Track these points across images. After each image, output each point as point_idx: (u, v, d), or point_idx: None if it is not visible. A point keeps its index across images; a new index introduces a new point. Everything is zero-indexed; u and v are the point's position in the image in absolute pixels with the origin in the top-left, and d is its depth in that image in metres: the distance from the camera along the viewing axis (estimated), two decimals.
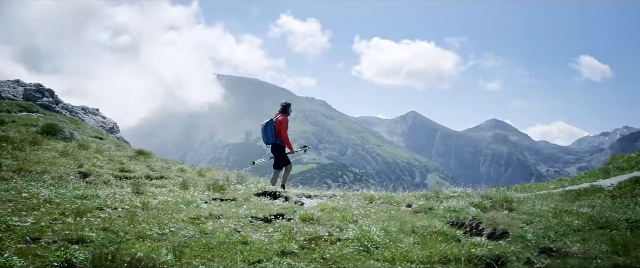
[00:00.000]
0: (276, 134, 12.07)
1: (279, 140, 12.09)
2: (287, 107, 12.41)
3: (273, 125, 12.09)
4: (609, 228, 6.93)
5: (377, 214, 7.74)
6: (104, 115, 43.93)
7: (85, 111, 41.39)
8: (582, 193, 11.17)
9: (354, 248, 5.79)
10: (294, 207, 8.18)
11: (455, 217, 7.46)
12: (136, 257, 4.58)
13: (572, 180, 15.68)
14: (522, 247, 6.01)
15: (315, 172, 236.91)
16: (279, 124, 12.05)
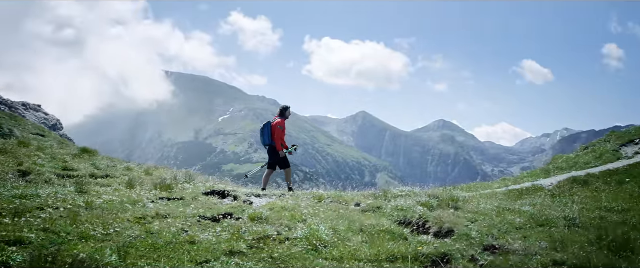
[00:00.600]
0: (272, 136, 12.51)
1: (274, 143, 12.50)
2: (284, 111, 12.80)
3: (270, 128, 12.56)
4: (549, 226, 7.21)
5: (326, 213, 7.78)
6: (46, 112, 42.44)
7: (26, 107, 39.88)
8: (524, 192, 11.54)
9: (303, 247, 5.81)
10: (242, 206, 8.12)
11: (402, 216, 7.59)
12: (78, 258, 4.43)
13: (514, 180, 16.18)
14: (467, 244, 6.18)
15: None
16: (275, 126, 12.47)
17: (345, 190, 12.11)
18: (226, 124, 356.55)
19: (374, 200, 9.21)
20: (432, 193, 9.50)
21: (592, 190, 11.30)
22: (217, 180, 13.13)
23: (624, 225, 7.29)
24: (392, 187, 11.07)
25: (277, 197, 9.46)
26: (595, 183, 12.05)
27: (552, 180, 13.17)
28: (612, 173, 13.07)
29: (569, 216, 7.64)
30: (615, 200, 9.51)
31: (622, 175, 12.60)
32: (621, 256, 5.65)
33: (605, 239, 6.12)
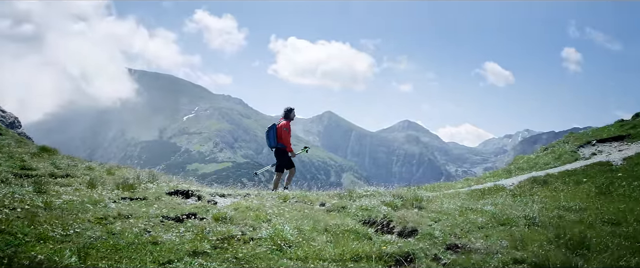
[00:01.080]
0: (278, 138, 12.58)
1: (281, 144, 12.55)
2: (289, 112, 12.85)
3: (275, 130, 12.65)
4: (510, 225, 7.36)
5: (291, 213, 7.78)
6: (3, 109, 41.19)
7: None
8: (487, 192, 11.75)
9: (267, 247, 5.79)
10: (207, 206, 8.04)
11: (367, 216, 7.63)
12: (36, 260, 4.32)
13: (477, 180, 16.46)
14: (430, 243, 6.26)
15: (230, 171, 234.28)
16: (281, 128, 12.57)
17: (311, 190, 12.13)
18: (191, 123, 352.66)
19: (339, 200, 9.24)
20: (396, 193, 9.59)
21: (551, 190, 11.57)
22: (181, 180, 12.97)
23: (581, 223, 7.50)
24: (358, 187, 11.14)
25: (242, 197, 9.41)
26: (554, 183, 12.34)
27: (514, 181, 13.45)
28: (570, 173, 13.41)
29: (529, 215, 7.83)
30: (573, 200, 9.77)
31: (580, 175, 12.95)
32: (578, 254, 5.83)
33: (563, 238, 6.29)
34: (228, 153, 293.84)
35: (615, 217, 7.89)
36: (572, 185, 12.02)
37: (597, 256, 5.74)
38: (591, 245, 6.14)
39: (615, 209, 8.60)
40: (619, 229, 7.10)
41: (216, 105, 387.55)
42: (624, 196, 10.06)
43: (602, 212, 8.39)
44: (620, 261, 5.54)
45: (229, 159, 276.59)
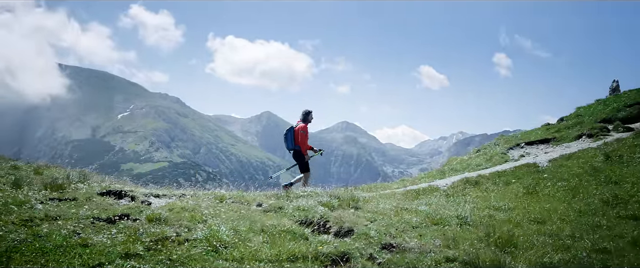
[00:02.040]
0: (295, 140, 12.74)
1: (298, 147, 12.69)
2: (307, 115, 12.96)
3: (293, 132, 12.82)
4: (443, 225, 7.57)
5: (227, 214, 7.68)
6: None
7: None
8: (421, 192, 12.03)
9: (203, 249, 5.69)
10: (140, 207, 7.83)
11: (304, 216, 7.65)
12: None
13: (412, 181, 16.82)
14: (366, 243, 6.34)
15: (167, 171, 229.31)
16: (298, 131, 12.71)
17: (248, 190, 12.03)
18: (126, 121, 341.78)
19: (276, 200, 9.22)
20: (333, 193, 9.66)
21: (482, 190, 11.97)
22: (114, 180, 12.57)
23: (509, 222, 7.81)
24: (295, 187, 11.15)
25: (178, 198, 9.21)
26: (485, 184, 12.77)
27: (447, 181, 13.82)
28: (500, 174, 13.92)
29: (462, 215, 8.08)
30: (502, 200, 10.15)
31: (509, 176, 13.46)
32: (506, 251, 6.07)
33: (493, 236, 6.54)
34: (164, 152, 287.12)
35: (541, 216, 8.26)
36: (501, 185, 12.47)
37: (523, 253, 6.00)
38: (518, 243, 6.41)
39: (541, 208, 9.00)
40: (544, 227, 7.44)
41: (152, 103, 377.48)
42: (549, 196, 10.54)
43: (529, 211, 8.77)
44: (544, 258, 5.81)
45: (165, 159, 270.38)
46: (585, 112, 26.76)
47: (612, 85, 32.12)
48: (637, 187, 10.08)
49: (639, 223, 7.40)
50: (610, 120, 22.23)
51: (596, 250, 6.11)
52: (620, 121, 21.68)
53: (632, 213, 7.97)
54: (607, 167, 12.71)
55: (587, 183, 11.22)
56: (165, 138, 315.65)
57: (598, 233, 6.98)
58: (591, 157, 14.37)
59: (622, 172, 11.82)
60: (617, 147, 15.15)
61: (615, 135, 19.32)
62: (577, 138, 20.33)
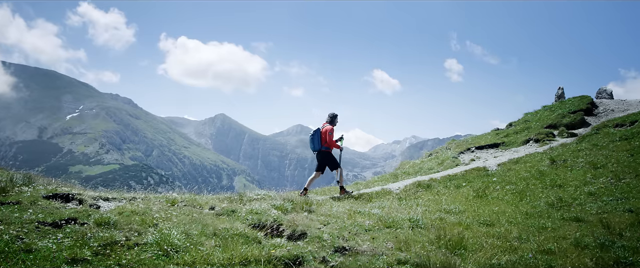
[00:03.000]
0: (322, 141, 13.13)
1: (324, 147, 13.11)
2: (333, 118, 13.47)
3: (320, 134, 13.21)
4: (395, 227, 7.65)
5: (179, 217, 7.55)
6: None
7: None
8: (374, 195, 12.12)
9: (153, 253, 5.58)
10: (88, 210, 7.61)
11: (257, 220, 7.60)
12: None
13: (366, 184, 16.94)
14: (319, 246, 6.35)
15: (117, 174, 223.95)
16: (325, 132, 13.12)
17: (201, 193, 11.88)
18: (75, 122, 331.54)
19: (229, 203, 9.13)
20: (287, 197, 9.65)
21: (434, 193, 12.16)
22: (62, 183, 12.19)
23: (460, 225, 7.96)
24: (249, 190, 11.07)
25: (128, 201, 9.01)
26: (437, 187, 12.99)
27: (400, 185, 13.98)
28: (451, 178, 14.19)
29: (414, 218, 8.19)
30: (453, 203, 10.34)
31: (460, 180, 13.74)
32: (456, 253, 6.20)
33: (444, 238, 6.66)
34: (115, 155, 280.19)
35: (490, 219, 8.46)
36: (453, 189, 12.71)
37: (472, 255, 6.14)
38: (468, 245, 6.56)
39: (490, 211, 9.22)
40: (493, 230, 7.62)
41: (103, 104, 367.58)
42: (498, 199, 10.81)
43: (479, 214, 8.96)
44: (493, 259, 5.96)
45: (116, 161, 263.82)
46: (533, 118, 27.63)
47: (558, 92, 33.29)
48: (580, 190, 10.47)
49: (581, 225, 7.68)
50: (556, 126, 23.02)
51: (541, 251, 6.31)
52: (565, 127, 22.47)
53: (575, 216, 8.27)
54: (553, 171, 13.14)
55: (533, 187, 11.56)
56: (116, 140, 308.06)
57: (543, 234, 7.21)
58: (538, 162, 14.83)
59: (566, 175, 12.24)
60: (562, 152, 15.67)
61: (560, 140, 20.00)
62: (525, 143, 20.94)
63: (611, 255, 5.92)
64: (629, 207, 8.40)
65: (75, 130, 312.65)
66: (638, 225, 7.21)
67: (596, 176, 11.58)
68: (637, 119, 18.17)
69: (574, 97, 30.00)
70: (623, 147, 14.22)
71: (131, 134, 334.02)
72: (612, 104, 26.47)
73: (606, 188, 10.37)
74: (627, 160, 12.51)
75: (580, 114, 24.14)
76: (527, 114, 30.10)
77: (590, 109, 25.50)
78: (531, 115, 29.02)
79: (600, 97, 30.64)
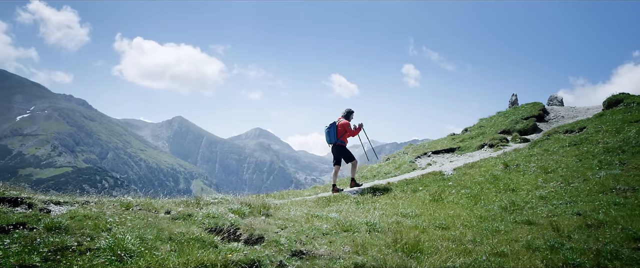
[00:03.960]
0: (338, 135, 13.99)
1: (339, 140, 13.98)
2: (349, 114, 14.35)
3: (336, 128, 14.03)
4: (352, 231, 7.68)
5: (133, 222, 7.40)
6: None
7: None
8: (332, 199, 12.15)
9: (106, 258, 5.44)
10: (38, 214, 7.37)
11: (214, 224, 7.51)
12: None
13: (324, 188, 16.98)
14: (276, 250, 6.32)
15: (70, 177, 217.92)
16: (343, 126, 14.04)
17: (158, 197, 11.68)
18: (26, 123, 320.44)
19: (186, 207, 9.00)
20: (244, 200, 9.57)
21: (391, 197, 12.27)
22: (10, 186, 11.78)
23: (416, 228, 8.06)
24: (207, 194, 10.94)
25: (80, 205, 8.77)
26: (394, 191, 13.11)
27: (358, 188, 14.06)
28: (408, 182, 14.36)
29: (371, 221, 8.25)
30: (410, 207, 10.46)
31: (417, 184, 13.92)
32: (412, 256, 6.27)
33: (400, 242, 6.73)
34: (68, 157, 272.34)
35: (446, 222, 8.60)
36: (409, 192, 12.86)
37: (428, 258, 6.23)
38: (424, 249, 6.65)
39: (446, 215, 9.37)
40: (448, 233, 7.75)
41: (56, 105, 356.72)
42: (453, 203, 11.01)
43: (435, 218, 9.09)
44: (448, 262, 6.06)
45: (69, 164, 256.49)
46: (487, 123, 28.28)
47: (512, 98, 34.17)
48: (532, 194, 10.75)
49: (532, 228, 7.89)
50: (509, 132, 23.60)
51: (495, 253, 6.45)
52: (518, 132, 23.07)
53: (526, 219, 8.48)
54: (506, 175, 13.46)
55: (487, 191, 11.82)
56: (69, 142, 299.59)
57: (497, 237, 7.37)
58: (492, 166, 15.17)
59: (518, 180, 12.56)
60: (515, 157, 16.08)
61: (513, 145, 20.51)
62: (480, 148, 21.39)
63: (560, 257, 6.11)
64: (577, 210, 8.68)
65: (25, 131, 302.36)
66: (585, 228, 7.46)
67: (547, 180, 11.92)
68: (585, 126, 18.81)
69: (527, 103, 30.86)
70: (572, 152, 14.68)
71: (85, 136, 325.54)
72: (562, 111, 27.34)
73: (556, 192, 10.68)
74: (576, 165, 12.92)
75: (532, 120, 24.83)
76: (482, 119, 30.78)
77: (542, 116, 26.27)
78: (486, 121, 29.69)
79: (552, 104, 31.62)
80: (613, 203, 8.82)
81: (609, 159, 12.76)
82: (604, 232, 7.11)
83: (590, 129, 17.89)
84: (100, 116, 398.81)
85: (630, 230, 6.91)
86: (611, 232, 7.06)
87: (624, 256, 5.99)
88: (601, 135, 16.20)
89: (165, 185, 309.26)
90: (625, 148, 13.51)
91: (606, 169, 11.73)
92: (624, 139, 14.56)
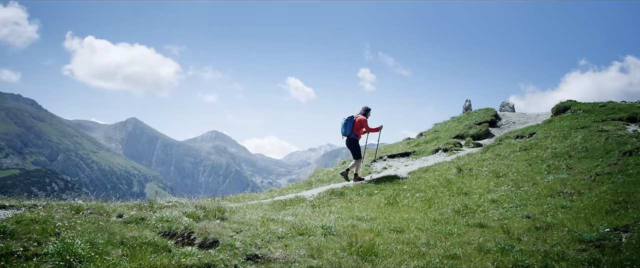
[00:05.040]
0: (353, 128, 15.26)
1: (353, 134, 15.29)
2: (367, 111, 15.59)
3: (353, 122, 15.28)
4: (308, 235, 7.68)
5: (83, 226, 7.19)
6: None
7: None
8: (288, 203, 12.12)
9: (54, 264, 5.28)
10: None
11: (168, 227, 7.39)
12: None
13: (280, 191, 16.92)
14: (231, 254, 6.26)
15: (18, 180, 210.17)
16: (360, 122, 15.27)
17: (110, 200, 11.40)
18: None
19: (139, 211, 8.81)
20: (199, 204, 9.44)
21: (347, 201, 12.33)
22: None
23: (371, 232, 8.12)
24: (161, 197, 10.74)
25: (27, 209, 8.48)
26: (350, 194, 13.18)
27: (314, 192, 14.06)
28: (364, 186, 14.45)
29: (326, 225, 8.26)
30: (365, 210, 10.54)
31: (372, 187, 14.03)
32: (367, 260, 6.32)
33: (355, 245, 6.78)
34: (15, 159, 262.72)
35: (400, 225, 8.70)
36: (365, 196, 12.95)
37: (383, 261, 6.29)
38: (379, 252, 6.70)
39: (401, 218, 9.48)
40: (403, 236, 7.84)
41: (3, 104, 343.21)
42: (408, 206, 11.15)
43: (390, 221, 9.18)
44: (402, 265, 6.14)
45: (16, 166, 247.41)
46: (442, 128, 28.81)
47: (466, 104, 34.91)
48: (484, 198, 11.00)
49: (484, 231, 8.07)
50: (463, 136, 24.10)
51: (448, 256, 6.57)
52: (471, 137, 23.58)
53: (478, 222, 8.68)
54: (459, 179, 13.73)
55: (441, 194, 12.02)
56: (17, 143, 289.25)
57: (450, 240, 7.51)
58: (446, 170, 15.44)
59: (471, 184, 12.83)
60: (468, 161, 16.42)
61: (466, 150, 20.95)
62: (434, 152, 21.76)
63: (510, 259, 6.27)
64: (527, 213, 8.93)
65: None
66: (534, 230, 7.69)
67: (498, 184, 12.22)
68: (535, 131, 19.39)
69: (480, 109, 31.59)
70: (522, 157, 15.10)
71: (34, 137, 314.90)
72: (513, 117, 28.10)
73: (507, 195, 10.96)
74: (526, 169, 13.30)
75: (485, 125, 25.44)
76: (437, 124, 31.34)
77: (494, 121, 26.94)
78: (440, 126, 30.24)
79: (503, 110, 32.46)
80: (560, 206, 9.12)
81: (556, 164, 13.19)
82: (551, 234, 7.35)
83: (540, 134, 18.45)
84: (50, 117, 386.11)
85: (576, 232, 7.16)
86: (558, 234, 7.30)
87: (570, 257, 6.21)
88: (550, 140, 16.73)
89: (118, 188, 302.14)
90: (572, 153, 14.00)
91: (554, 173, 12.12)
92: (570, 145, 15.09)
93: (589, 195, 9.69)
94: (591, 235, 6.92)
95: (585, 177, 11.19)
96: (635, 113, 18.21)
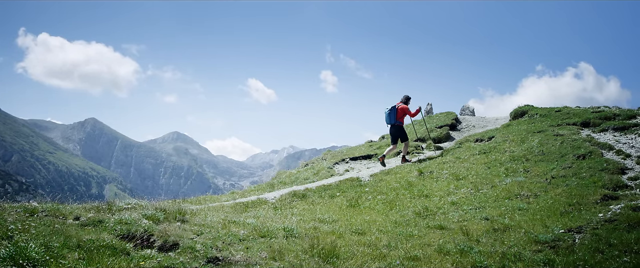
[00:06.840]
0: (397, 116, 17.33)
1: (398, 122, 17.40)
2: (408, 99, 17.75)
3: (396, 111, 17.36)
4: (269, 237, 7.65)
5: (38, 228, 6.98)
6: None
7: None
8: (250, 205, 12.05)
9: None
10: None
11: (126, 230, 7.24)
12: None
13: (242, 193, 16.81)
14: (191, 257, 6.19)
15: None
16: (402, 110, 17.40)
17: (67, 202, 11.10)
18: None
19: (97, 213, 8.61)
20: (160, 206, 9.29)
21: (309, 203, 12.34)
22: None
23: (333, 234, 8.15)
24: (121, 199, 10.53)
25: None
26: (312, 197, 13.18)
27: (276, 194, 14.01)
28: (326, 188, 14.49)
29: (288, 227, 8.25)
30: (327, 212, 10.56)
31: (334, 190, 14.07)
32: (329, 262, 6.34)
33: (317, 247, 6.78)
34: None
35: (362, 227, 8.74)
36: (327, 198, 12.98)
37: (344, 263, 6.32)
38: (340, 254, 6.73)
39: (362, 220, 9.53)
40: (364, 238, 7.89)
41: None
42: (369, 208, 11.22)
43: (351, 223, 9.22)
44: (364, 266, 6.18)
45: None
46: None
47: (427, 107, 35.40)
48: (444, 200, 11.17)
49: (444, 233, 8.20)
50: (424, 140, 24.40)
51: (408, 257, 6.64)
52: (432, 140, 23.89)
53: (439, 224, 8.81)
54: (420, 181, 13.89)
55: (403, 197, 12.14)
56: None
57: (410, 242, 7.60)
58: (407, 173, 15.60)
59: (432, 186, 13.01)
60: (429, 164, 16.64)
61: (428, 153, 21.22)
62: (396, 155, 21.96)
63: (469, 260, 6.39)
64: (485, 215, 9.11)
65: None
66: (492, 232, 7.85)
67: (458, 187, 12.43)
68: (494, 135, 19.79)
69: (441, 112, 32.08)
70: (482, 160, 15.40)
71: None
72: (473, 120, 28.63)
73: (466, 198, 11.16)
74: (485, 172, 13.56)
75: (446, 128, 25.82)
76: None
77: (454, 124, 27.37)
78: None
79: (464, 114, 33.05)
80: (517, 208, 9.35)
81: (514, 167, 13.49)
82: (509, 236, 7.52)
83: (499, 138, 18.85)
84: (4, 116, 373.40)
85: (532, 233, 7.35)
86: (515, 235, 7.48)
87: (526, 258, 6.36)
88: (508, 144, 17.11)
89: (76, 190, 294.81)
90: (529, 156, 14.35)
91: (512, 176, 12.40)
92: (528, 148, 15.46)
93: (545, 197, 9.97)
94: (546, 236, 7.12)
95: (542, 180, 11.49)
96: (588, 118, 18.77)
